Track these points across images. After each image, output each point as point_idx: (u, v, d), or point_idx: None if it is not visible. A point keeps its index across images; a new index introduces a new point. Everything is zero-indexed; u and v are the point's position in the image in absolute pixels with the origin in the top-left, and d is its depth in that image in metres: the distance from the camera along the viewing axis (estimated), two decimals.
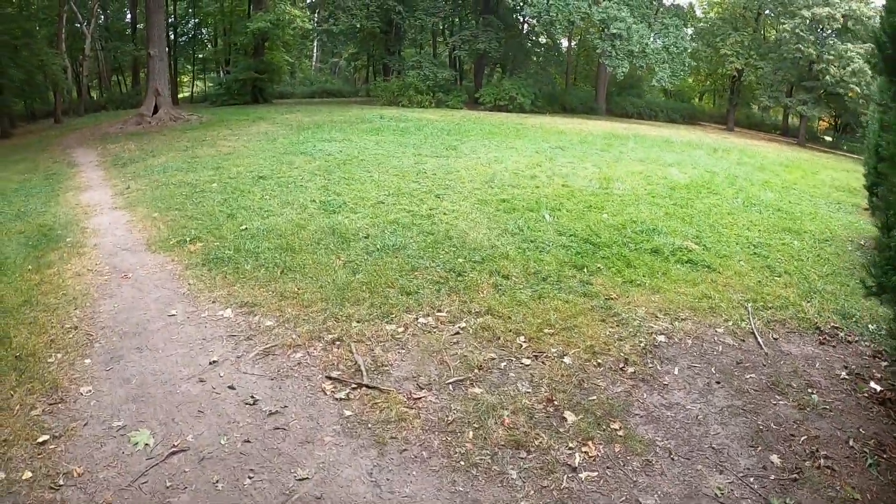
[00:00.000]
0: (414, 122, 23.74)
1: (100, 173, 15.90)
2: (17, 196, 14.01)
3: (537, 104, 34.74)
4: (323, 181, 12.88)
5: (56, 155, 20.28)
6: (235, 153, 16.62)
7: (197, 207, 11.14)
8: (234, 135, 20.42)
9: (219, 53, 47.73)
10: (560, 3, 31.16)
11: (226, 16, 45.06)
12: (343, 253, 8.62)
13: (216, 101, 36.76)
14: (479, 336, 6.49)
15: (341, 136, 19.46)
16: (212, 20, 47.40)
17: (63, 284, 8.14)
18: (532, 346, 6.35)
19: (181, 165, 15.23)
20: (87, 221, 11.09)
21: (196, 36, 49.80)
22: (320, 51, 53.18)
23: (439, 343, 6.32)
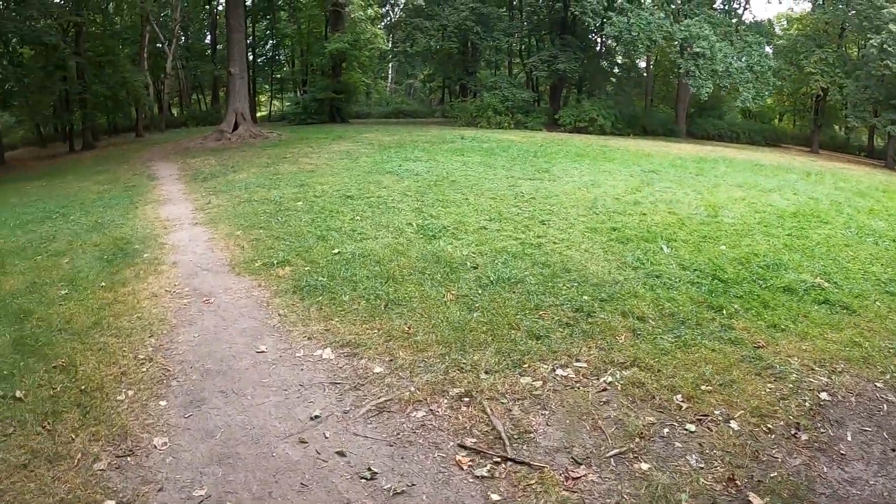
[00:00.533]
0: (497, 143, 22.63)
1: (180, 187, 15.28)
2: (96, 207, 13.45)
3: (617, 126, 33.25)
4: (416, 203, 11.81)
5: (136, 167, 19.93)
6: (318, 171, 15.79)
7: (283, 227, 10.20)
8: (315, 152, 19.69)
9: (296, 74, 47.95)
10: (641, 23, 29.79)
11: (303, 37, 45.26)
12: (452, 285, 7.46)
13: (294, 120, 36.58)
14: (630, 393, 5.24)
15: (426, 156, 18.47)
16: (289, 41, 47.71)
17: (138, 306, 7.22)
18: (692, 406, 5.08)
19: (263, 182, 14.45)
20: (165, 237, 10.29)
21: (274, 56, 50.24)
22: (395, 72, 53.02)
23: (586, 402, 5.08)
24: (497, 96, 33.08)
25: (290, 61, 49.64)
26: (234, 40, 26.66)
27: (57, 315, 7.27)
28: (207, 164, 18.61)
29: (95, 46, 32.50)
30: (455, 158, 18.12)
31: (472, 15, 34.32)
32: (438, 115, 44.45)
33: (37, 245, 10.61)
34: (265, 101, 53.57)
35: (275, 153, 20.01)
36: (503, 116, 32.53)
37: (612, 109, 33.74)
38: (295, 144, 22.68)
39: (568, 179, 15.30)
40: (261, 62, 49.11)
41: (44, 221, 12.57)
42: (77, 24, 29.95)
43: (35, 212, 13.81)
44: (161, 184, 16.03)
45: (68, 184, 18.23)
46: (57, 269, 9.08)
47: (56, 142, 38.87)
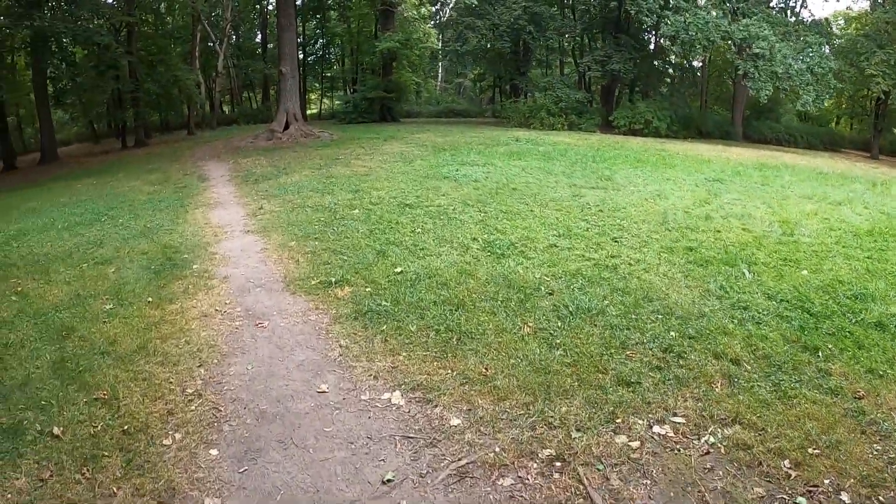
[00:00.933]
0: (552, 147, 21.74)
1: (230, 189, 14.79)
2: (145, 209, 13.02)
3: (673, 128, 31.95)
4: (478, 214, 11.05)
5: (187, 167, 19.60)
6: (373, 175, 15.14)
7: (339, 238, 9.55)
8: (368, 154, 19.08)
9: (346, 72, 47.64)
10: (699, 22, 28.47)
11: (353, 36, 44.91)
12: (528, 315, 6.69)
13: (344, 119, 36.19)
14: (735, 458, 4.44)
15: (482, 159, 17.69)
16: (339, 40, 47.42)
17: (186, 328, 6.63)
18: (801, 474, 4.29)
19: (316, 186, 13.85)
20: (216, 245, 9.73)
21: (324, 55, 49.99)
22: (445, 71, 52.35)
23: (689, 469, 4.29)
24: (550, 97, 32.12)
25: (339, 60, 49.37)
26: (284, 39, 26.23)
27: (100, 334, 6.73)
28: (259, 165, 18.14)
29: (147, 46, 32.63)
30: (512, 163, 17.31)
31: (524, 14, 33.44)
32: (489, 115, 43.64)
33: (83, 251, 10.16)
34: (315, 100, 53.45)
35: (327, 154, 19.46)
36: (556, 118, 31.56)
37: (667, 111, 32.49)
38: (347, 145, 22.12)
39: (632, 189, 14.40)
40: (311, 61, 48.96)
41: (92, 224, 12.16)
42: (129, 24, 29.98)
43: (84, 213, 13.44)
44: (212, 185, 15.59)
45: (119, 182, 17.95)
46: (102, 279, 8.58)
47: (109, 138, 39.27)
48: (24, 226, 13.16)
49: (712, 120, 36.62)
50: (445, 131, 27.79)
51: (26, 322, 7.43)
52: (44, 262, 9.80)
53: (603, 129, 32.26)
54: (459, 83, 52.63)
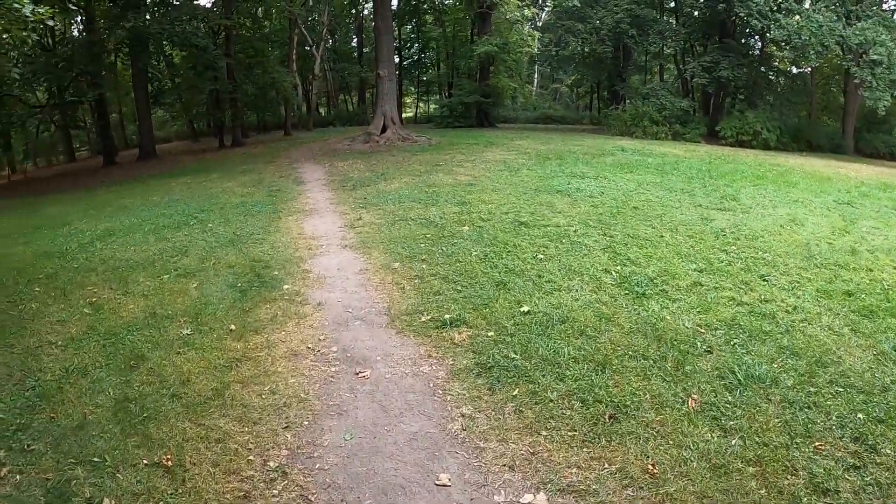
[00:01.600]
0: (661, 158, 19.84)
1: (327, 195, 13.74)
2: (237, 214, 12.09)
3: (782, 140, 29.25)
4: (603, 238, 9.53)
5: (283, 169, 18.79)
6: (478, 185, 13.80)
7: (449, 262, 8.21)
8: (470, 161, 17.77)
9: (441, 77, 46.72)
10: (812, 25, 25.77)
11: (448, 40, 43.98)
12: (689, 382, 5.18)
13: (441, 123, 35.19)
14: None
15: (592, 171, 16.07)
16: (435, 44, 46.59)
17: (272, 370, 5.44)
18: None
19: (418, 196, 12.61)
20: (310, 262, 8.58)
21: (420, 59, 49.25)
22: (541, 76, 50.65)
23: None
24: (653, 104, 30.00)
25: (435, 64, 48.52)
26: (382, 42, 25.29)
27: (172, 368, 5.66)
28: (356, 170, 17.11)
29: (245, 48, 32.49)
30: (625, 177, 15.62)
31: (626, 17, 31.49)
32: (586, 122, 41.80)
33: (166, 259, 9.24)
34: (411, 103, 52.85)
35: (426, 160, 18.27)
36: (660, 126, 29.46)
37: (776, 122, 29.81)
38: (446, 150, 20.91)
39: (762, 211, 12.53)
40: (407, 65, 48.34)
41: (179, 228, 11.31)
42: (227, 28, 29.82)
43: (173, 214, 12.68)
44: (307, 190, 14.61)
45: (212, 183, 17.28)
46: (183, 295, 7.55)
47: (208, 137, 39.59)
48: (112, 225, 12.53)
49: (821, 131, 33.43)
50: (545, 138, 26.24)
51: (94, 343, 6.48)
52: (124, 270, 8.93)
53: (707, 140, 29.92)
54: (555, 89, 50.89)
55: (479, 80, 35.48)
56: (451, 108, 35.17)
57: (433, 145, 22.95)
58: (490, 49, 31.50)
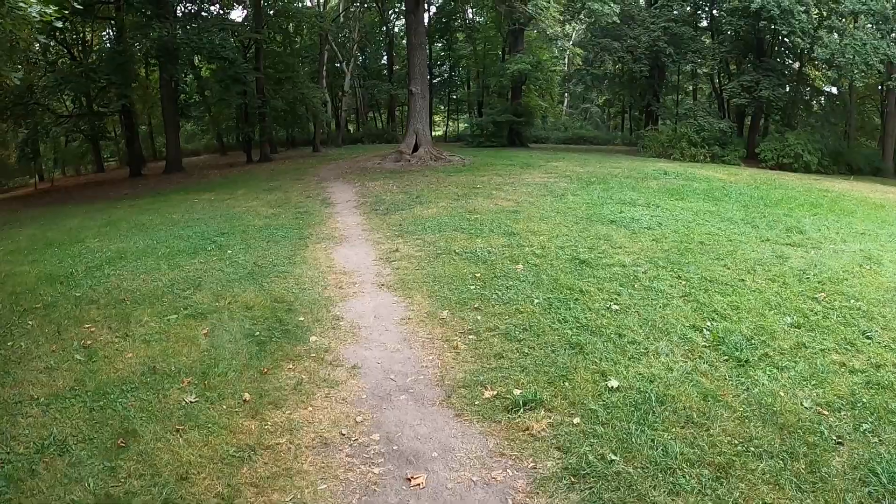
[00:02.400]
0: (707, 183, 18.28)
1: (358, 219, 12.42)
2: (259, 239, 10.79)
3: (823, 163, 27.53)
4: (677, 280, 8.10)
5: (310, 188, 17.53)
6: (522, 211, 12.43)
7: (507, 311, 6.82)
8: (508, 184, 16.40)
9: (471, 95, 45.51)
10: (856, 44, 24.10)
11: (479, 59, 42.80)
12: (829, 492, 3.84)
13: (472, 142, 33.86)
14: None
15: (640, 197, 14.62)
16: (465, 62, 45.42)
17: (295, 469, 4.10)
18: None
19: (459, 223, 11.25)
20: (341, 305, 7.22)
21: (450, 78, 48.08)
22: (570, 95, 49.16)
23: None
24: (692, 126, 28.39)
25: (465, 83, 47.31)
26: (415, 58, 24.00)
27: (169, 454, 4.38)
28: (388, 191, 15.79)
29: (275, 63, 31.51)
30: (677, 204, 14.15)
31: (664, 35, 30.01)
32: (619, 143, 40.28)
33: (177, 293, 7.95)
34: (440, 122, 51.63)
35: (462, 182, 16.93)
36: (698, 148, 27.82)
37: (817, 144, 28.07)
38: (481, 171, 19.56)
39: (832, 247, 10.99)
40: (437, 83, 47.18)
41: (196, 253, 10.05)
42: (257, 41, 28.81)
43: (191, 237, 11.44)
44: (336, 212, 13.31)
45: (237, 200, 16.06)
46: (191, 344, 6.23)
47: (236, 151, 38.59)
48: (125, 246, 11.33)
49: (861, 154, 31.55)
50: (581, 160, 24.79)
51: (81, 405, 5.26)
52: (128, 304, 7.66)
53: (747, 163, 28.24)
54: (586, 108, 49.38)
55: (511, 98, 34.17)
56: (483, 126, 33.86)
57: (467, 165, 21.62)
58: (523, 67, 30.20)
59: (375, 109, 48.83)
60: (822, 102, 31.74)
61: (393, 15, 44.27)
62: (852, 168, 28.88)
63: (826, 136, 29.78)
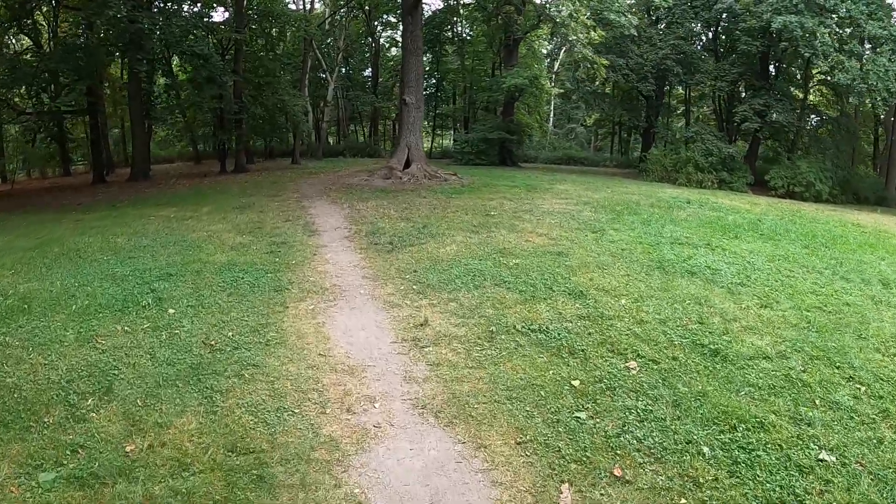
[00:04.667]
0: (738, 214, 14.95)
1: (353, 258, 8.89)
2: (218, 289, 7.24)
3: (833, 192, 24.77)
4: (854, 387, 5.10)
5: (289, 207, 13.90)
6: (569, 254, 9.08)
7: (673, 482, 3.35)
8: (526, 211, 13.04)
9: (457, 111, 42.14)
10: (879, 70, 21.41)
11: (467, 74, 39.52)
12: None
13: (461, 160, 30.38)
14: None
15: (691, 235, 11.31)
16: (454, 76, 42.06)
17: None
18: None
19: (497, 272, 7.86)
20: (359, 460, 3.67)
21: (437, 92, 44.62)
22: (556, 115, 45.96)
23: None
24: (699, 150, 25.27)
25: (451, 97, 43.91)
26: (410, 65, 20.44)
27: None
28: (385, 216, 12.27)
29: (255, 67, 27.79)
30: (739, 245, 10.86)
31: (672, 53, 26.99)
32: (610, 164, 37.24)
33: (71, 404, 4.49)
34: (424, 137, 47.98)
35: (470, 206, 13.51)
36: (705, 174, 24.70)
37: (828, 171, 25.27)
38: (485, 193, 16.18)
39: None
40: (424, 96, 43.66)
41: (123, 312, 6.53)
42: (237, 42, 25.04)
43: (126, 278, 7.90)
44: (323, 245, 9.76)
45: (199, 221, 12.44)
46: None
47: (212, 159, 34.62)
48: (38, 287, 7.89)
49: (867, 182, 28.83)
50: (585, 182, 21.51)
51: None
52: None
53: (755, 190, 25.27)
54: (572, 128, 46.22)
55: (503, 115, 30.92)
56: (473, 143, 30.37)
57: (466, 186, 18.19)
58: (520, 82, 26.91)
59: (358, 122, 45.22)
60: (829, 128, 28.81)
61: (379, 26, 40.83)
62: (858, 197, 26.14)
63: (836, 164, 27.01)
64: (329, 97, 36.04)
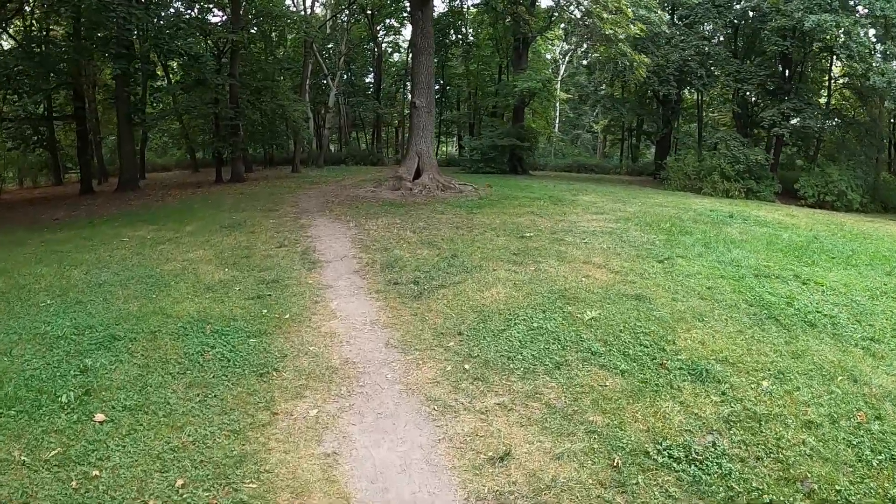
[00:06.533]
0: (788, 231, 12.28)
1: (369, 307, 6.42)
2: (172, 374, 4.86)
3: (863, 201, 22.42)
4: None
5: (286, 227, 11.39)
6: (643, 293, 6.75)
7: None
8: (564, 231, 10.61)
9: (463, 116, 39.63)
10: None
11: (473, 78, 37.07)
12: None
13: (469, 167, 27.95)
14: None
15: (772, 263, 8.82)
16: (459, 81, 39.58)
17: None
18: None
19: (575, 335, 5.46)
20: None
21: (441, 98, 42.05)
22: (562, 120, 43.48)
23: None
24: (725, 157, 22.76)
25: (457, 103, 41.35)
26: (421, 65, 17.89)
27: None
28: (401, 239, 9.77)
29: (253, 71, 25.28)
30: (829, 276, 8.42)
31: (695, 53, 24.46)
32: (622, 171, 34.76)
33: None
34: None
35: (497, 225, 11.07)
36: (732, 182, 22.26)
37: (859, 179, 22.89)
38: (506, 208, 13.76)
39: None
40: None
41: (30, 415, 4.16)
42: (233, 44, 22.48)
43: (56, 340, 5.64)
44: (328, 287, 7.26)
45: (178, 245, 9.99)
46: None
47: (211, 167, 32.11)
48: None
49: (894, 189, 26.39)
50: (607, 192, 19.07)
51: None
52: None
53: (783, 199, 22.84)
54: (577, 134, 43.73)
55: (514, 120, 28.44)
56: (482, 150, 27.87)
57: (484, 198, 15.73)
58: (534, 85, 24.45)
59: (360, 129, 42.66)
60: (856, 134, 26.26)
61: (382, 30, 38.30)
62: (885, 205, 23.75)
63: (867, 172, 24.60)
64: (330, 103, 33.53)
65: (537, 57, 34.38)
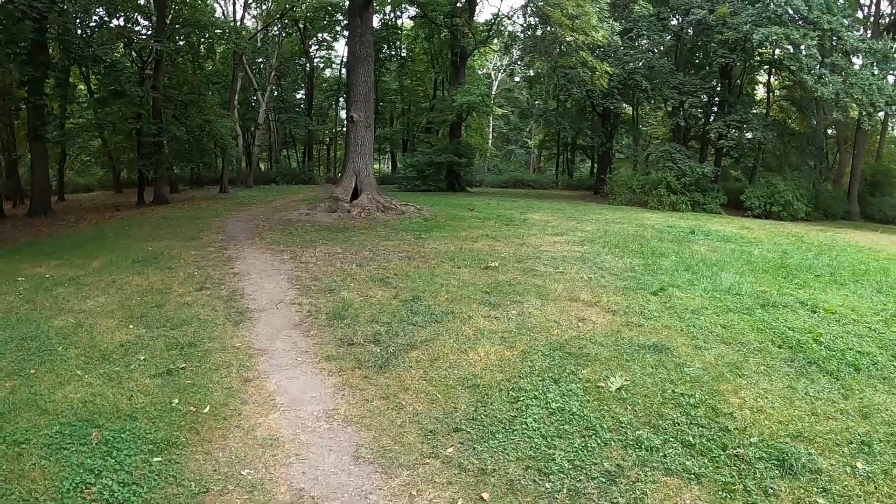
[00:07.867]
0: (757, 246, 11.44)
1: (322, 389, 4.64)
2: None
3: (807, 210, 22.27)
4: None
5: (209, 259, 9.43)
6: (660, 342, 5.39)
7: None
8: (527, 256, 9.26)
9: (396, 133, 38.00)
10: (864, 83, 19.00)
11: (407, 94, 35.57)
12: None
13: (405, 185, 26.31)
14: None
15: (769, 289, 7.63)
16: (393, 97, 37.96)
17: None
18: None
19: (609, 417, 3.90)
20: None
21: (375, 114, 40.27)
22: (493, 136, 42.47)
23: None
24: (671, 170, 22.08)
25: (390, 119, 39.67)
26: (359, 75, 16.09)
27: None
28: (350, 278, 8.01)
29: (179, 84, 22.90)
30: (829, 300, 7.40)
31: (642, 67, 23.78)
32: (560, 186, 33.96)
33: None
34: None
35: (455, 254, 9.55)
36: (679, 196, 21.67)
37: (804, 190, 22.82)
38: (457, 230, 12.34)
39: None
40: None
41: None
42: (158, 54, 20.15)
43: None
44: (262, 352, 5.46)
45: (78, 290, 7.96)
46: None
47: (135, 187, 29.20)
48: None
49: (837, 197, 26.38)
50: (556, 210, 17.96)
51: None
52: None
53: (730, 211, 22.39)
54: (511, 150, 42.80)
55: (451, 136, 27.08)
56: (419, 168, 26.24)
57: (429, 220, 14.20)
58: (473, 99, 23.14)
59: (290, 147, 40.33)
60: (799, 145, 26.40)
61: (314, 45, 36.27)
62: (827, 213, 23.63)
63: (809, 181, 24.60)
64: (261, 119, 31.33)
65: (472, 73, 33.27)
